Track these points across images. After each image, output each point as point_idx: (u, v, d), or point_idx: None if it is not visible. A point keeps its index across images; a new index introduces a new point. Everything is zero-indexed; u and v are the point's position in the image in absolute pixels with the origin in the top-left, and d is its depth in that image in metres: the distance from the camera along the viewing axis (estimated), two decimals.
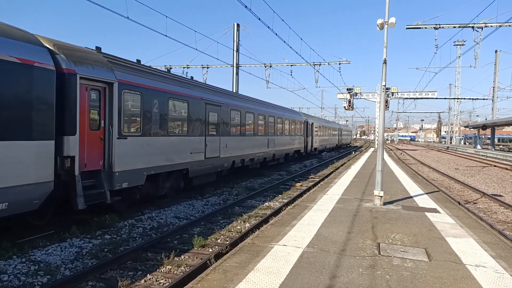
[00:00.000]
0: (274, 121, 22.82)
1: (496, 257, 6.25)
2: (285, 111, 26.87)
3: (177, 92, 12.24)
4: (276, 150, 23.12)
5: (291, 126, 27.12)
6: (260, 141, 20.20)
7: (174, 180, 12.50)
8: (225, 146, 15.64)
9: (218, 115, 15.09)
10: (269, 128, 21.83)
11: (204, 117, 13.95)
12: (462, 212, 10.17)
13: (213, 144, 14.53)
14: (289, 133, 26.41)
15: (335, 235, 7.36)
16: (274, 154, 22.78)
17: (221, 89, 16.98)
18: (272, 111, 22.96)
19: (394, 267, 5.67)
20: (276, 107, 24.92)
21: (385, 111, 11.48)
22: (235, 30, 30.13)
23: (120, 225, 9.33)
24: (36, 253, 7.19)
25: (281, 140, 24.43)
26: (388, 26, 10.54)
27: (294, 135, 28.07)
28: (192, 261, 7.20)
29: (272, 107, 23.64)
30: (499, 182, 19.87)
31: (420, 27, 30.56)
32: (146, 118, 10.63)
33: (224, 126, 15.68)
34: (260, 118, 20.23)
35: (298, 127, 29.21)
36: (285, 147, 25.46)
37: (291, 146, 27.03)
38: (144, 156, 10.50)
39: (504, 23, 27.40)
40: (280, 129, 24.14)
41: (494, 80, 55.88)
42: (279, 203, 12.91)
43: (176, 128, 12.22)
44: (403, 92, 46.84)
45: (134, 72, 10.36)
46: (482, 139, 60.39)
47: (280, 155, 24.38)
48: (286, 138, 25.74)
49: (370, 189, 13.30)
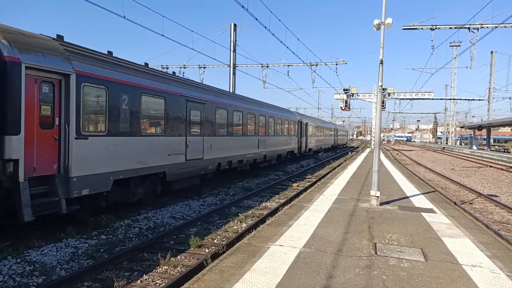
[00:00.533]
0: (266, 120, 21.73)
1: (492, 257, 6.27)
2: (278, 110, 25.53)
3: (151, 87, 11.06)
4: (267, 151, 22.06)
5: (284, 126, 25.95)
6: (250, 141, 19.10)
7: (150, 184, 11.42)
8: (210, 147, 14.45)
9: (201, 114, 13.92)
10: (260, 128, 20.73)
11: (185, 115, 12.78)
12: (458, 212, 10.20)
13: (195, 145, 13.41)
14: (281, 133, 25.24)
15: (331, 235, 7.37)
16: (265, 155, 21.67)
17: (205, 85, 15.98)
18: (263, 110, 21.75)
19: (391, 267, 5.67)
20: (268, 106, 23.68)
21: (381, 111, 11.50)
22: (232, 30, 30.11)
23: (116, 225, 9.29)
24: (31, 253, 7.15)
25: (273, 140, 23.26)
26: (384, 27, 10.56)
27: (287, 135, 26.87)
28: (189, 261, 7.19)
29: (263, 106, 22.39)
30: (494, 183, 19.95)
31: (417, 28, 30.67)
32: (113, 116, 9.38)
33: (208, 125, 14.46)
34: (249, 117, 19.11)
35: (291, 127, 28.06)
36: (278, 148, 24.40)
37: (284, 147, 25.98)
38: (111, 158, 9.28)
39: (499, 24, 27.55)
40: (272, 129, 23.01)
41: (490, 81, 56.18)
42: (275, 203, 12.90)
43: (150, 127, 11.14)
44: (400, 93, 46.95)
45: (97, 63, 9.11)
46: (478, 139, 60.68)
47: (272, 156, 23.30)
48: (279, 138, 24.59)
49: (366, 189, 13.32)
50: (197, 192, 14.34)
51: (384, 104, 37.77)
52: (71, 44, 8.93)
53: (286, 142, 26.41)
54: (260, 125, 20.72)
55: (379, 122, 11.23)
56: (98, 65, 9.09)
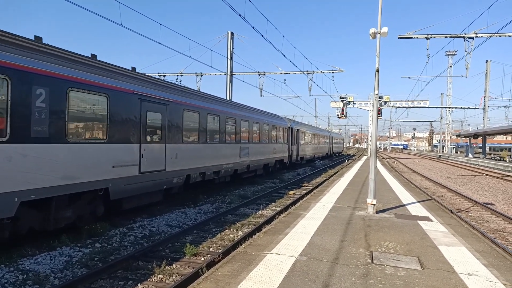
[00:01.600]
0: (249, 126, 19.38)
1: (488, 265, 6.26)
2: (264, 115, 22.94)
3: (86, 80, 8.69)
4: (251, 160, 19.59)
5: (272, 133, 23.68)
6: (229, 150, 16.83)
7: (86, 205, 9.12)
8: (175, 156, 12.12)
9: (163, 117, 11.58)
10: (242, 135, 18.40)
11: (139, 118, 10.42)
12: (455, 220, 10.20)
13: (154, 154, 11.05)
14: (269, 140, 22.89)
15: (328, 244, 7.33)
16: (248, 165, 19.20)
17: (170, 83, 13.50)
18: (247, 114, 19.31)
19: (387, 276, 5.64)
20: (252, 110, 21.19)
21: (377, 119, 11.54)
22: (229, 38, 30.23)
23: (111, 234, 9.22)
24: (24, 262, 7.07)
25: (258, 148, 20.86)
26: (380, 36, 10.64)
27: (276, 143, 24.56)
28: (184, 270, 7.12)
29: (247, 110, 19.96)
30: (490, 191, 20.00)
31: (412, 37, 30.93)
32: (19, 116, 7.04)
33: (173, 131, 12.11)
34: (229, 122, 16.81)
35: (280, 134, 25.79)
36: (264, 157, 21.95)
37: (271, 156, 23.60)
38: (16, 172, 6.94)
39: (494, 33, 27.83)
40: (257, 135, 20.63)
41: (485, 89, 56.61)
42: (272, 211, 12.86)
43: (84, 132, 8.76)
44: (396, 101, 47.18)
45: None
46: (473, 148, 60.95)
47: (256, 166, 20.75)
48: (265, 146, 22.20)
49: (363, 197, 13.31)
50: (193, 200, 14.27)
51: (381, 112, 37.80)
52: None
53: (274, 150, 24.09)
54: (242, 131, 18.39)
55: (376, 130, 11.26)
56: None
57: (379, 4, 10.52)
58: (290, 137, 28.61)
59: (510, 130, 42.62)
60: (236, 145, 17.65)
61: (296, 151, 30.87)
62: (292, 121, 31.73)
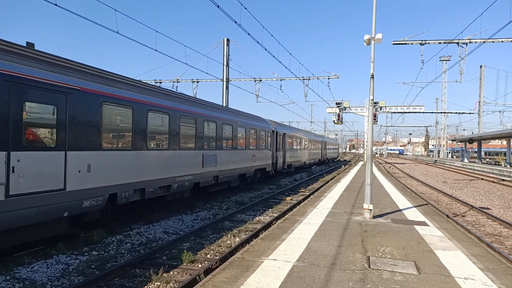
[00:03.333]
0: (217, 129, 15.86)
1: (484, 269, 6.30)
2: (239, 116, 19.23)
3: None
4: (220, 171, 16.04)
5: (251, 137, 20.24)
6: (186, 158, 13.14)
7: None
8: (86, 169, 8.62)
9: (58, 112, 7.96)
10: (207, 139, 14.92)
11: (7, 111, 6.90)
12: (451, 225, 10.25)
13: (41, 167, 7.48)
14: (246, 146, 19.41)
15: (325, 249, 7.35)
16: (216, 176, 15.66)
17: (75, 63, 9.05)
18: (214, 114, 15.75)
19: (384, 281, 5.67)
20: (223, 110, 17.53)
21: (373, 125, 11.62)
22: (225, 45, 30.39)
23: (108, 241, 9.19)
24: (21, 270, 7.03)
25: (231, 155, 17.33)
26: (375, 42, 10.75)
27: (256, 149, 21.15)
28: (181, 277, 7.11)
29: (215, 109, 16.34)
30: (486, 195, 20.10)
31: (407, 43, 31.21)
32: None
33: (83, 132, 8.62)
34: (185, 122, 13.12)
35: (262, 139, 22.48)
36: (239, 165, 18.39)
37: (250, 164, 20.07)
38: None
39: (487, 39, 28.13)
40: (229, 140, 17.19)
41: (479, 94, 57.10)
42: (269, 217, 12.87)
43: None
44: (391, 106, 47.49)
45: None
46: (469, 152, 61.26)
47: (229, 176, 17.16)
48: (241, 153, 18.68)
49: (359, 202, 13.34)
50: (190, 207, 14.25)
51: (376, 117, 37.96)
52: None
53: (253, 157, 20.63)
54: (207, 134, 14.91)
55: (371, 136, 11.33)
56: None
57: (373, 11, 10.64)
58: (274, 142, 25.56)
59: (505, 134, 42.92)
60: (198, 152, 13.98)
61: (282, 158, 27.61)
62: (277, 124, 28.20)
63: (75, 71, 8.67)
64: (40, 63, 7.75)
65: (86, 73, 9.04)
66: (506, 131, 43.40)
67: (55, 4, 11.12)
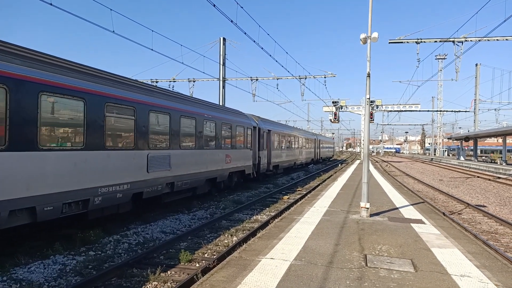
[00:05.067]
0: (172, 122, 12.35)
1: (480, 267, 6.34)
2: (207, 108, 15.54)
3: None
4: (177, 176, 12.51)
5: (224, 134, 16.91)
6: (116, 160, 9.69)
7: None
8: None
9: None
10: (155, 136, 11.51)
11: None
12: (447, 222, 10.30)
13: None
14: (216, 144, 16.01)
15: (322, 248, 7.37)
16: (170, 182, 12.21)
17: None
18: (166, 103, 12.18)
19: (381, 279, 5.69)
20: (179, 99, 13.51)
21: (370, 123, 11.65)
22: (221, 44, 30.33)
23: (105, 241, 9.17)
24: (17, 270, 7.00)
25: (193, 157, 13.86)
26: (371, 41, 10.77)
27: (232, 148, 17.82)
28: (179, 276, 7.11)
29: (168, 98, 12.60)
30: (482, 193, 20.21)
31: (403, 42, 31.26)
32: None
33: None
34: (118, 113, 9.85)
35: (241, 136, 19.23)
36: (206, 168, 14.90)
37: (222, 166, 16.65)
38: None
39: (483, 37, 28.24)
40: (190, 137, 13.75)
41: (475, 93, 57.31)
42: (266, 216, 12.88)
43: None
44: (388, 105, 47.66)
45: None
46: (465, 150, 61.54)
47: (191, 182, 13.61)
48: (209, 153, 15.21)
49: (356, 201, 13.38)
50: (187, 206, 14.24)
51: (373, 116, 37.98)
52: None
53: (227, 158, 17.20)
54: (155, 130, 11.48)
55: (368, 134, 11.36)
56: None
57: (369, 10, 10.67)
58: (257, 140, 22.37)
59: (500, 132, 43.13)
60: (139, 153, 10.58)
61: (267, 158, 24.39)
62: (261, 119, 24.72)
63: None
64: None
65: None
66: (502, 129, 43.62)
67: (50, 3, 11.07)
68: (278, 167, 27.64)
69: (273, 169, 26.25)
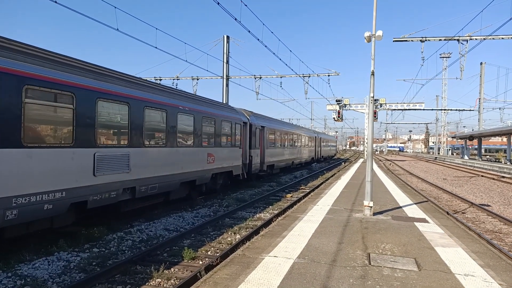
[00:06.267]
0: (132, 114, 10.17)
1: (484, 266, 6.31)
2: (181, 99, 13.02)
3: None
4: (139, 180, 10.32)
5: (206, 130, 14.67)
6: (44, 162, 7.51)
7: None
8: None
9: None
10: (106, 130, 9.39)
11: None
12: (451, 222, 10.27)
13: None
14: (195, 142, 13.67)
15: (325, 246, 7.37)
16: (130, 187, 10.07)
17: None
18: (125, 91, 9.96)
19: (384, 277, 5.68)
20: (144, 86, 11.13)
21: (373, 122, 11.61)
22: (225, 42, 30.33)
23: (109, 238, 9.21)
24: (22, 267, 7.05)
25: (163, 155, 11.58)
26: (375, 39, 10.73)
27: (215, 146, 15.56)
28: (182, 273, 7.13)
29: (128, 83, 10.32)
30: (486, 192, 20.12)
31: (407, 40, 31.14)
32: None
33: None
34: (47, 100, 7.64)
35: (227, 133, 16.94)
36: (181, 170, 12.63)
37: (203, 167, 14.34)
38: None
39: (488, 36, 28.07)
40: (159, 132, 11.59)
41: (480, 91, 57.03)
42: (269, 214, 12.89)
43: None
44: (391, 104, 47.47)
45: None
46: (469, 149, 61.30)
47: (160, 186, 11.39)
48: (185, 151, 12.93)
49: (360, 199, 13.36)
50: (190, 204, 14.27)
51: (376, 114, 37.85)
52: None
53: (210, 157, 14.95)
54: (106, 123, 9.33)
55: (371, 133, 11.33)
56: None
57: (374, 8, 10.62)
58: (248, 137, 20.36)
59: (505, 131, 42.92)
60: (81, 152, 8.42)
61: (260, 157, 22.21)
62: (254, 114, 22.35)
63: None
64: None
65: None
66: (506, 128, 43.40)
67: (55, 1, 11.11)
68: (274, 167, 25.71)
69: (268, 169, 24.23)
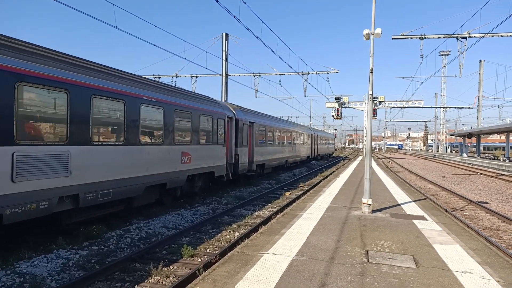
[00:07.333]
0: (74, 104, 8.17)
1: (482, 263, 6.34)
2: (147, 88, 11.15)
3: None
4: (83, 185, 8.44)
5: (177, 125, 12.54)
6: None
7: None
8: None
9: None
10: (35, 123, 7.45)
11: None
12: (449, 219, 10.30)
13: None
14: (165, 139, 11.83)
15: (324, 243, 7.39)
16: (72, 195, 8.21)
17: None
18: (67, 76, 8.03)
19: (383, 275, 5.70)
20: (101, 72, 9.35)
21: (372, 120, 11.62)
22: (224, 39, 30.28)
23: (108, 236, 9.22)
24: (21, 264, 7.06)
25: (119, 155, 9.70)
26: (374, 37, 10.72)
27: (192, 144, 13.60)
28: (181, 271, 7.15)
29: (70, 67, 8.27)
30: (485, 190, 20.17)
31: (406, 37, 31.15)
32: None
33: None
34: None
35: (207, 129, 14.92)
36: (147, 172, 10.82)
37: (176, 167, 12.44)
38: None
39: (487, 33, 28.08)
40: (114, 127, 9.80)
41: (478, 89, 57.04)
42: (268, 211, 12.90)
43: None
44: (390, 101, 47.53)
45: None
46: (468, 147, 61.36)
47: (117, 191, 9.59)
48: (150, 150, 10.97)
49: (358, 197, 13.38)
50: (189, 202, 14.28)
51: (375, 112, 37.86)
52: None
53: (185, 157, 13.05)
54: (36, 115, 7.46)
55: (370, 130, 11.34)
56: None
57: (373, 5, 10.61)
58: (234, 134, 18.41)
59: (503, 129, 42.96)
60: None
61: (248, 156, 20.21)
62: (241, 109, 20.30)
63: None
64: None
65: None
66: (505, 125, 43.47)
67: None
68: (264, 166, 23.53)
69: (257, 169, 22.21)
